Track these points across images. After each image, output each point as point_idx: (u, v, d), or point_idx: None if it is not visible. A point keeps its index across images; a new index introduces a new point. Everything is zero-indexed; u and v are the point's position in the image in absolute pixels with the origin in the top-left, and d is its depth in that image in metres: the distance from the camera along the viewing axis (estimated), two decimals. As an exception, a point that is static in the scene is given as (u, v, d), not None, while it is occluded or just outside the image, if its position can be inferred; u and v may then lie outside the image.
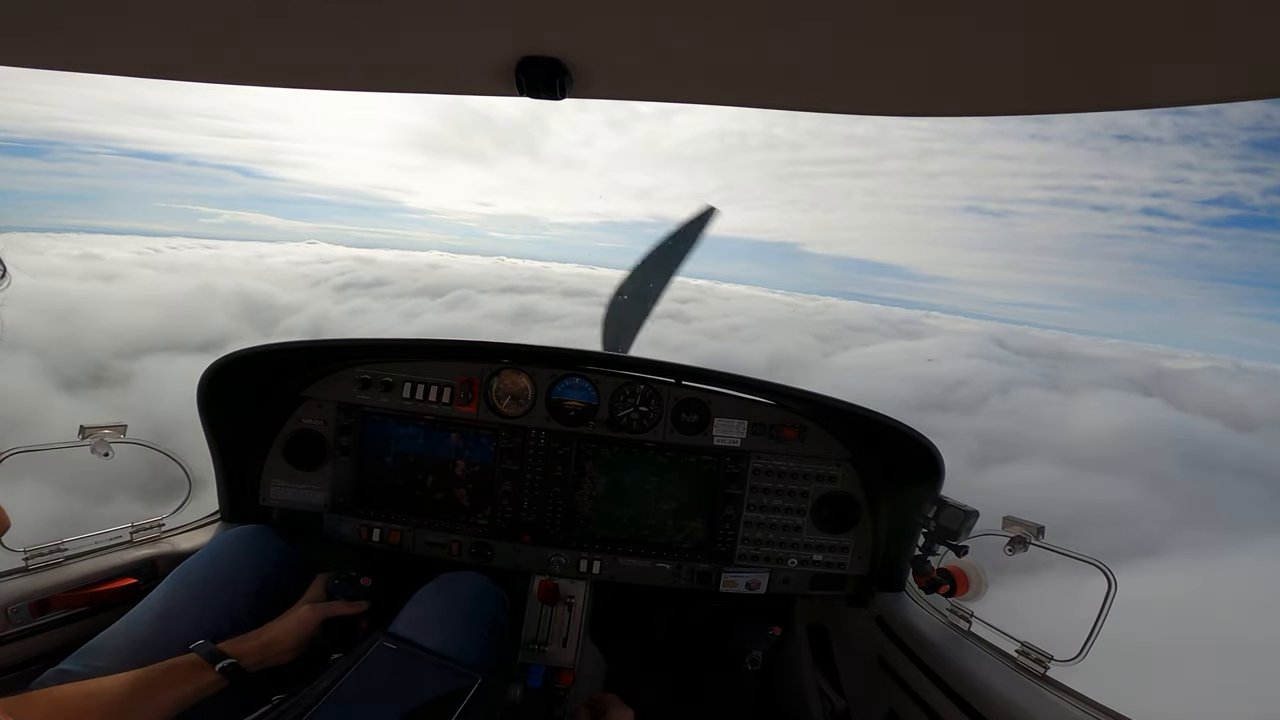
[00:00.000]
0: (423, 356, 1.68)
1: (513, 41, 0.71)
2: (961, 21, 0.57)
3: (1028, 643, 1.27)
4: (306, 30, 0.73)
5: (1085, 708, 1.13)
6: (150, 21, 0.73)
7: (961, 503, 1.38)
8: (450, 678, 1.09)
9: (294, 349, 1.56)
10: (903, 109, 0.82)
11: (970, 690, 1.24)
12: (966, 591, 1.41)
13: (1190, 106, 0.66)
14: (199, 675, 1.06)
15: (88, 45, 0.82)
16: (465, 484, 1.70)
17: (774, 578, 1.66)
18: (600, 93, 0.81)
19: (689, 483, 1.68)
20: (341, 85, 0.91)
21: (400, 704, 1.03)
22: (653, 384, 1.65)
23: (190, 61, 0.85)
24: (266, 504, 1.68)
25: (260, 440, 1.66)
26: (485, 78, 0.80)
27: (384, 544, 1.68)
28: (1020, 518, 1.31)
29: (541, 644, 1.65)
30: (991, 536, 1.35)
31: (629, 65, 0.76)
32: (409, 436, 1.70)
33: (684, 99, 0.86)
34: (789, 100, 0.83)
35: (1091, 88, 0.67)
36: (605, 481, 1.69)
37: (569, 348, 1.65)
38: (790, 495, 1.64)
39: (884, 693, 1.52)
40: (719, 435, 1.64)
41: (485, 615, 1.38)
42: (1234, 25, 0.52)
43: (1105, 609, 1.16)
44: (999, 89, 0.71)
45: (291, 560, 1.49)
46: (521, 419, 1.66)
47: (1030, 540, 1.27)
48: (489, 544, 1.68)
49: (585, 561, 1.67)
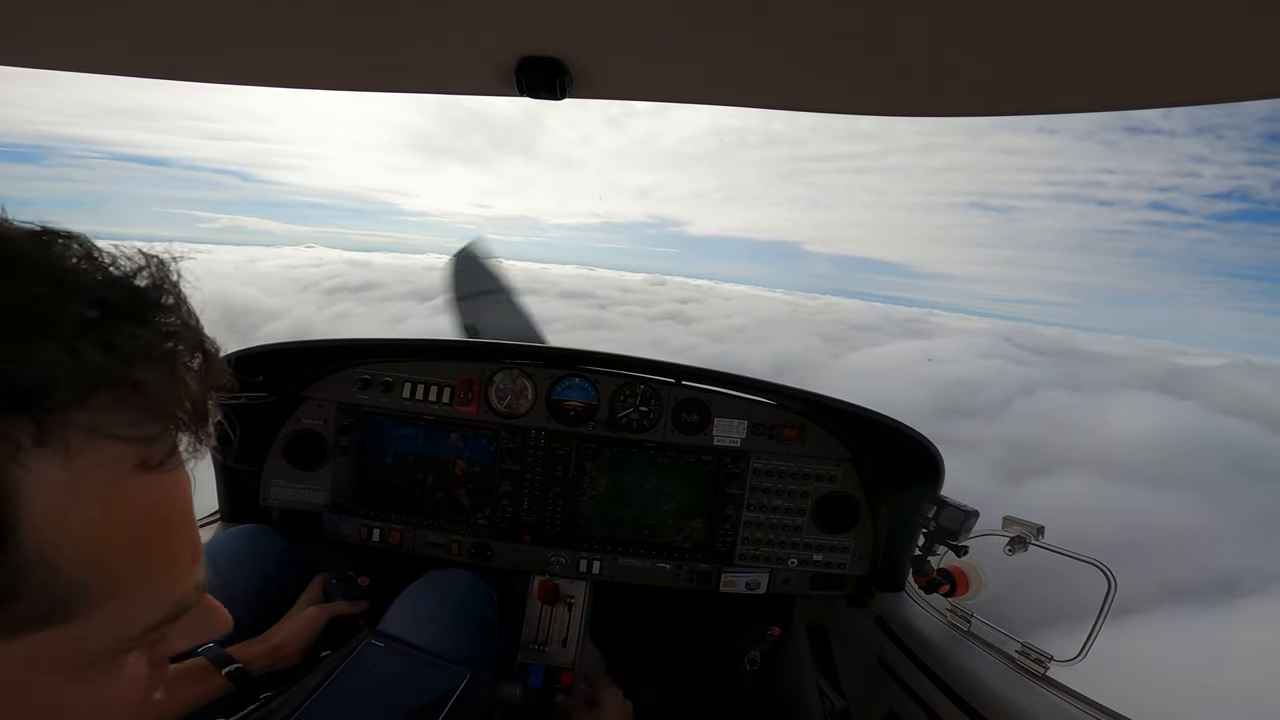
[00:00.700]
0: (423, 356, 1.68)
1: (513, 41, 0.71)
2: (962, 22, 0.57)
3: (1028, 643, 1.27)
4: (306, 30, 0.73)
5: (1085, 708, 1.13)
6: (149, 21, 0.73)
7: (961, 503, 1.38)
8: (439, 674, 1.09)
9: (294, 349, 1.56)
10: (903, 109, 0.82)
11: (970, 690, 1.24)
12: (966, 591, 1.41)
13: (1190, 107, 0.65)
14: (206, 679, 1.06)
15: (86, 45, 0.82)
16: (465, 484, 1.70)
17: (774, 578, 1.66)
18: (600, 93, 0.81)
19: (689, 483, 1.68)
20: (342, 85, 0.91)
21: (389, 701, 1.03)
22: (653, 384, 1.65)
23: (190, 61, 0.85)
24: (266, 504, 1.68)
25: (260, 440, 1.66)
26: (485, 78, 0.80)
27: (384, 544, 1.68)
28: (1020, 518, 1.31)
29: (541, 644, 1.65)
30: (991, 536, 1.35)
31: (629, 65, 0.76)
32: (409, 436, 1.70)
33: (684, 99, 0.86)
34: (789, 100, 0.82)
35: (1093, 88, 0.67)
36: (605, 481, 1.69)
37: (569, 348, 1.65)
38: (790, 495, 1.64)
39: (884, 693, 1.52)
40: (719, 435, 1.63)
41: (474, 613, 1.38)
42: (1235, 25, 0.52)
43: (1105, 609, 1.16)
44: (999, 89, 0.71)
45: (291, 560, 1.49)
46: (521, 419, 1.66)
47: (1030, 540, 1.27)
48: (489, 544, 1.68)
49: (585, 561, 1.67)
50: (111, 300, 0.33)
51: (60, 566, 0.32)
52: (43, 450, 0.30)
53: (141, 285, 0.36)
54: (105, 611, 0.34)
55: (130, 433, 0.34)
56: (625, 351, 1.66)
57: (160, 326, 0.35)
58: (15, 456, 0.29)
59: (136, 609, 0.37)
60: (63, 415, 0.31)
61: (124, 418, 0.33)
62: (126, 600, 0.36)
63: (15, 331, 0.29)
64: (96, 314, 0.32)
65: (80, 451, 0.32)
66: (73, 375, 0.31)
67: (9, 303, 0.30)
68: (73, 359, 0.30)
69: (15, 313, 0.30)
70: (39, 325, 0.30)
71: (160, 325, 0.35)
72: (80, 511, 0.32)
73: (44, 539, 0.31)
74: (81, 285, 0.32)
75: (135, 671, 0.40)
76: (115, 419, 0.33)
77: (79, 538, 0.32)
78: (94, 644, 0.35)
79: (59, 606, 0.32)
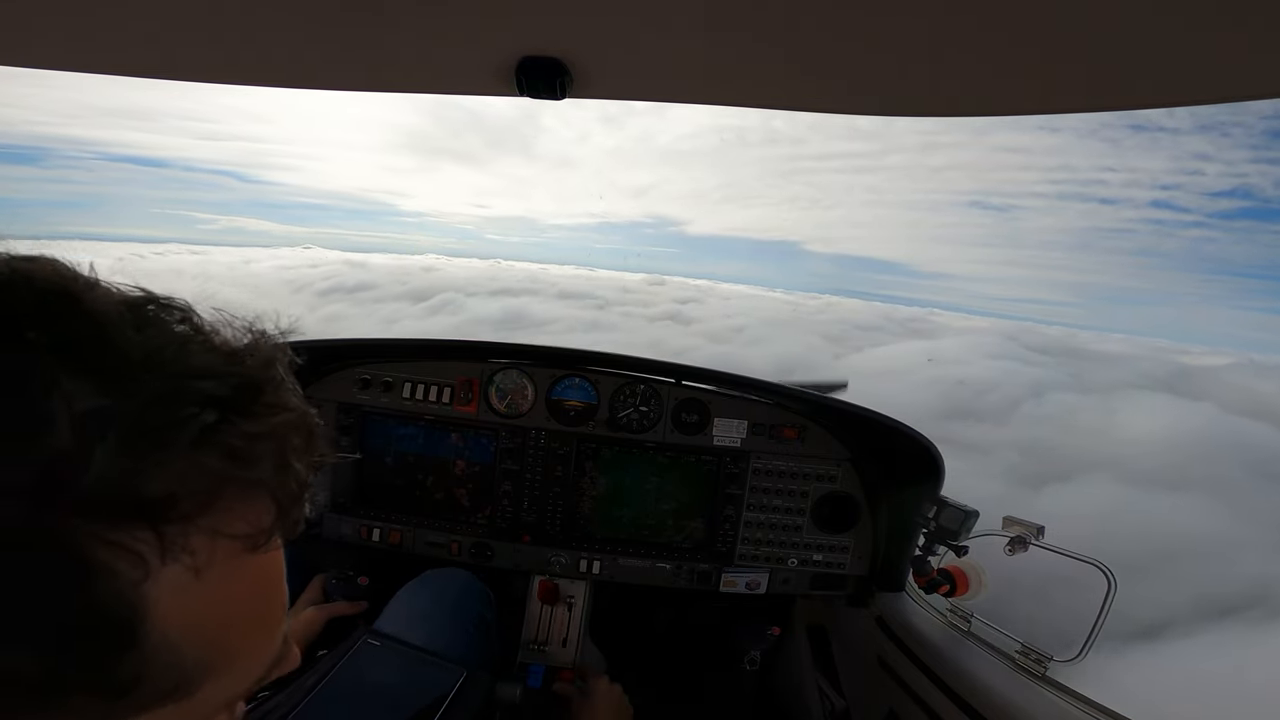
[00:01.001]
0: (423, 356, 1.68)
1: (513, 41, 0.71)
2: (962, 22, 0.57)
3: (1028, 643, 1.27)
4: (306, 30, 0.73)
5: (1085, 708, 1.13)
6: (147, 21, 0.73)
7: (961, 503, 1.38)
8: (435, 673, 1.09)
9: (294, 349, 1.56)
10: (903, 109, 0.82)
11: (970, 690, 1.24)
12: (966, 591, 1.41)
13: (1189, 107, 0.65)
14: None
15: (85, 45, 0.82)
16: (465, 484, 1.70)
17: (774, 578, 1.66)
18: (600, 93, 0.81)
19: (689, 483, 1.68)
20: (342, 85, 0.91)
21: (386, 699, 1.03)
22: (653, 384, 1.65)
23: (190, 61, 0.84)
24: None
25: None
26: (485, 78, 0.80)
27: (384, 544, 1.68)
28: (1020, 518, 1.31)
29: (541, 644, 1.65)
30: (991, 536, 1.35)
31: (629, 65, 0.75)
32: (409, 436, 1.70)
33: (684, 99, 0.86)
34: (789, 100, 0.82)
35: (1093, 88, 0.67)
36: (605, 481, 1.69)
37: (569, 347, 1.65)
38: (790, 495, 1.64)
39: (884, 693, 1.52)
40: (719, 435, 1.63)
41: (471, 612, 1.38)
42: (1235, 25, 0.52)
43: (1105, 609, 1.16)
44: (999, 89, 0.71)
45: (291, 560, 1.49)
46: (521, 419, 1.66)
47: (1030, 540, 1.27)
48: (489, 544, 1.68)
49: (585, 561, 1.67)
50: (228, 400, 0.32)
51: (184, 651, 0.32)
52: (166, 562, 0.30)
53: (254, 373, 0.35)
54: (221, 679, 0.36)
55: (248, 529, 0.34)
56: (624, 352, 1.66)
57: (272, 416, 0.35)
58: (141, 569, 0.29)
59: (245, 674, 0.39)
60: (186, 524, 0.30)
61: (243, 516, 0.34)
62: (239, 668, 0.37)
63: (136, 439, 0.28)
64: (215, 418, 0.31)
65: (202, 554, 0.32)
66: (195, 485, 0.30)
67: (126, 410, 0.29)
68: (195, 470, 0.30)
69: (133, 420, 0.29)
70: (159, 433, 0.29)
71: (272, 415, 0.35)
72: (201, 603, 0.33)
73: (170, 631, 0.31)
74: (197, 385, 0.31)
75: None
76: (234, 519, 0.33)
77: (200, 624, 0.33)
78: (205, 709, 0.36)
79: (182, 684, 0.33)
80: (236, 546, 0.34)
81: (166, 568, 0.30)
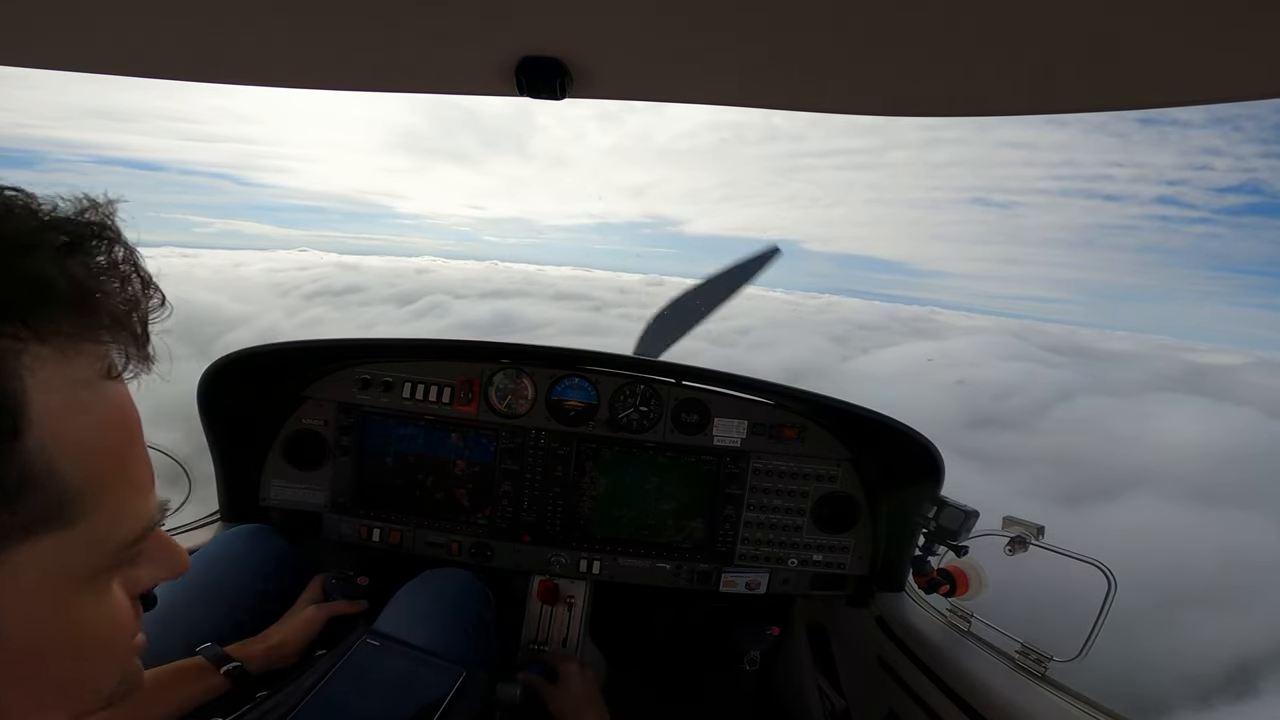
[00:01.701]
0: (423, 356, 1.68)
1: (513, 41, 0.71)
2: (962, 22, 0.57)
3: (1028, 643, 1.27)
4: (306, 30, 0.73)
5: (1085, 708, 1.13)
6: (146, 21, 0.73)
7: (961, 503, 1.38)
8: (435, 673, 1.09)
9: (294, 349, 1.56)
10: (904, 109, 0.82)
11: (970, 690, 1.24)
12: (966, 591, 1.41)
13: (1190, 106, 0.65)
14: (205, 678, 1.06)
15: (83, 45, 0.82)
16: (465, 484, 1.70)
17: (774, 578, 1.66)
18: (600, 92, 0.81)
19: (689, 483, 1.68)
20: (342, 85, 0.91)
21: (386, 699, 1.03)
22: (653, 384, 1.65)
23: (189, 62, 0.84)
24: (267, 504, 1.68)
25: (260, 440, 1.66)
26: (485, 78, 0.80)
27: (384, 544, 1.68)
28: (1020, 518, 1.31)
29: (541, 644, 1.65)
30: (992, 536, 1.35)
31: (629, 65, 0.76)
32: (409, 436, 1.70)
33: (684, 99, 0.86)
34: (789, 100, 0.82)
35: (1093, 88, 0.67)
36: (605, 481, 1.69)
37: (569, 347, 1.65)
38: (790, 495, 1.64)
39: (884, 693, 1.52)
40: (719, 435, 1.64)
41: (470, 612, 1.39)
42: (1236, 25, 0.52)
43: (1105, 608, 1.16)
44: (1000, 89, 0.71)
45: (291, 560, 1.49)
46: (521, 419, 1.66)
47: (1030, 540, 1.27)
48: (489, 544, 1.68)
49: (585, 561, 1.67)
50: (77, 231, 0.39)
51: (59, 466, 0.35)
52: (43, 349, 0.34)
53: (94, 220, 0.41)
54: (94, 518, 0.38)
55: (104, 339, 0.39)
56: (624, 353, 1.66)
57: (115, 252, 0.41)
58: (21, 356, 0.33)
59: (116, 519, 0.41)
60: (54, 323, 0.35)
61: (98, 334, 0.39)
62: (109, 507, 0.40)
63: (12, 251, 0.34)
64: (69, 239, 0.38)
65: (69, 355, 0.36)
66: (60, 287, 0.35)
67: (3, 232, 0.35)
68: (60, 273, 0.36)
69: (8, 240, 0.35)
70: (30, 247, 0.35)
71: (115, 251, 0.41)
72: (70, 413, 0.37)
73: (45, 436, 0.34)
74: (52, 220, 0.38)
75: (120, 603, 0.44)
76: (93, 326, 0.38)
77: (70, 438, 0.36)
78: (87, 556, 0.39)
79: (62, 506, 0.36)
80: (95, 364, 0.38)
81: (41, 360, 0.34)
